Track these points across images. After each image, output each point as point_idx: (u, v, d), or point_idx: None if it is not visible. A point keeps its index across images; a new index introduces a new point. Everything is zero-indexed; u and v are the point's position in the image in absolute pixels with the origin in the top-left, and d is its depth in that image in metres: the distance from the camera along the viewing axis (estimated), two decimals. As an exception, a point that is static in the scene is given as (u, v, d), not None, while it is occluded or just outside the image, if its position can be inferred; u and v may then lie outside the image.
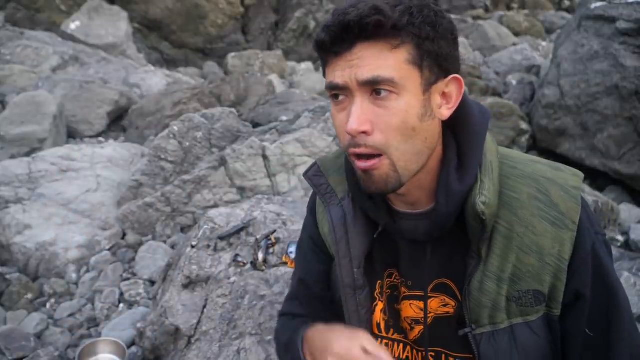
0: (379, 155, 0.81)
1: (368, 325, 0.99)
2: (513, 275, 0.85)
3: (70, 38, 6.94)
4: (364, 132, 0.80)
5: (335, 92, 0.83)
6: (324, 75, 0.86)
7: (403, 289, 0.96)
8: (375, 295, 0.99)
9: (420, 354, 0.96)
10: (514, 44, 7.77)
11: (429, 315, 0.93)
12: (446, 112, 0.84)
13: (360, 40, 0.78)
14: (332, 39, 0.79)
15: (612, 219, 3.39)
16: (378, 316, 1.00)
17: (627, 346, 0.87)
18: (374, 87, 0.79)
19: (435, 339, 0.94)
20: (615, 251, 2.89)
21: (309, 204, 1.12)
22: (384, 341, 1.00)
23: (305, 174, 1.05)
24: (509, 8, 11.46)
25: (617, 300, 0.87)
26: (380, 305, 0.99)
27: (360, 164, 0.83)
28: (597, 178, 4.18)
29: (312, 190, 1.08)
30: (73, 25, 7.35)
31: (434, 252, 0.91)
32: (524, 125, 4.78)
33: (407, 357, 0.98)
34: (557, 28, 9.15)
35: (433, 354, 0.94)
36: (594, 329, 0.87)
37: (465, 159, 0.86)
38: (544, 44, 8.15)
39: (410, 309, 0.96)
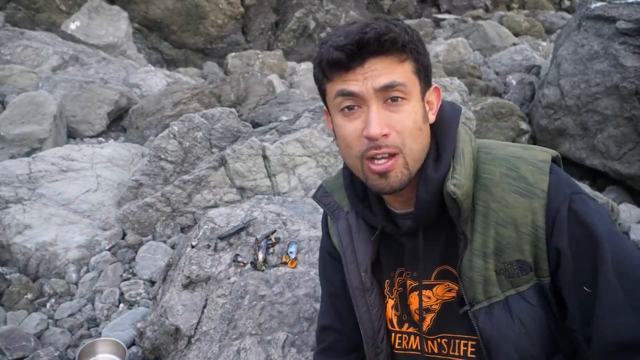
0: (394, 155, 0.93)
1: (380, 323, 1.09)
2: (496, 249, 0.93)
3: (70, 38, 6.94)
4: (385, 135, 0.91)
5: (348, 101, 0.93)
6: (324, 92, 0.97)
7: (409, 282, 1.04)
8: (385, 293, 1.09)
9: (435, 342, 1.02)
10: (514, 44, 7.77)
11: (437, 303, 1.01)
12: (432, 117, 0.99)
13: (371, 56, 0.90)
14: (348, 56, 0.90)
15: (612, 219, 3.39)
16: (390, 312, 1.09)
17: (613, 293, 0.85)
18: (388, 94, 0.91)
19: (444, 325, 1.01)
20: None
21: (322, 221, 1.26)
22: (398, 335, 1.08)
23: (314, 196, 1.20)
24: (509, 8, 11.46)
25: (600, 246, 0.87)
26: (390, 302, 1.09)
27: (377, 167, 0.93)
28: (597, 178, 4.18)
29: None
30: (73, 25, 7.35)
31: (427, 241, 1.00)
32: (524, 125, 4.78)
33: (423, 349, 1.04)
34: (557, 28, 9.15)
35: (446, 340, 1.01)
36: (587, 283, 0.88)
37: (441, 152, 0.97)
38: (544, 44, 8.15)
39: (416, 300, 1.03)
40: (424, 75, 0.95)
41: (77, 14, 7.56)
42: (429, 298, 1.01)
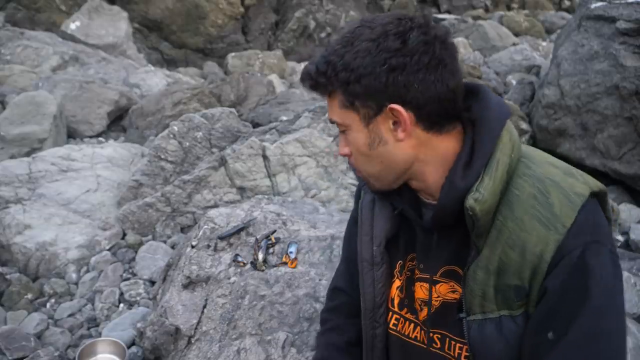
0: (359, 171, 1.01)
1: (383, 299, 1.10)
2: (499, 268, 0.89)
3: (70, 38, 6.94)
4: (346, 155, 1.00)
5: None
6: None
7: (417, 272, 1.04)
8: (395, 272, 1.09)
9: (429, 334, 1.02)
10: (514, 44, 7.77)
11: (437, 299, 1.00)
12: (401, 135, 0.92)
13: None
14: (310, 92, 0.99)
15: (612, 219, 3.39)
16: (393, 292, 1.09)
17: (574, 353, 0.83)
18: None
19: (440, 322, 1.00)
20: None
21: (356, 191, 1.26)
22: (395, 315, 1.09)
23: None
24: (509, 8, 11.47)
25: (589, 302, 0.83)
26: (397, 283, 1.09)
27: (356, 172, 1.05)
28: (597, 178, 4.17)
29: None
30: (73, 25, 7.35)
31: (440, 241, 0.98)
32: (524, 125, 4.78)
33: (415, 336, 1.05)
34: (557, 28, 9.16)
35: (439, 335, 1.01)
36: (554, 329, 0.85)
37: (473, 157, 0.91)
38: (544, 44, 8.16)
39: (421, 291, 1.03)
40: (365, 101, 0.90)
41: (77, 14, 7.56)
42: (428, 291, 1.02)
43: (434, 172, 0.95)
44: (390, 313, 1.10)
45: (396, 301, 1.09)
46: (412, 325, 1.06)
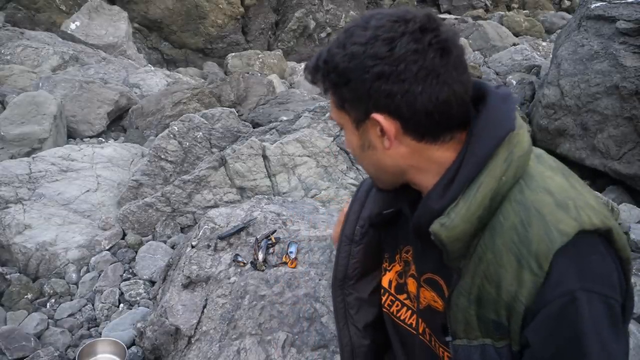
0: None
1: (355, 272, 1.13)
2: (477, 298, 0.84)
3: (70, 38, 6.95)
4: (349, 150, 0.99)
5: None
6: None
7: (412, 267, 1.04)
8: (396, 258, 1.09)
9: (424, 324, 1.02)
10: (514, 44, 7.78)
11: (424, 300, 1.00)
12: (387, 144, 0.87)
13: None
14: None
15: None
16: (392, 275, 1.09)
17: None
18: None
19: (427, 321, 1.01)
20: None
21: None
22: (391, 297, 1.09)
23: None
24: (509, 8, 11.47)
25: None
26: (397, 268, 1.08)
27: None
28: (597, 178, 4.18)
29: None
30: (73, 25, 7.35)
31: (426, 248, 0.93)
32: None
33: (411, 323, 1.05)
34: (557, 28, 9.16)
35: (429, 330, 1.01)
36: None
37: (456, 177, 0.84)
38: (544, 44, 8.16)
39: (413, 286, 1.03)
40: (353, 105, 0.87)
41: (77, 14, 7.57)
42: (419, 293, 1.03)
43: (430, 179, 0.89)
44: (387, 294, 1.10)
45: (393, 284, 1.09)
46: (410, 311, 1.06)
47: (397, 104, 0.82)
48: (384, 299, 1.11)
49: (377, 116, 0.84)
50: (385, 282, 1.11)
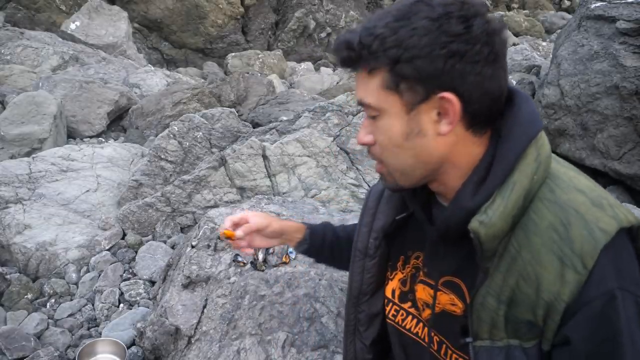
0: (380, 162, 0.91)
1: (369, 288, 1.09)
2: (510, 299, 0.82)
3: (70, 38, 6.95)
4: (368, 144, 0.90)
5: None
6: None
7: (421, 273, 1.00)
8: (397, 265, 1.06)
9: (430, 332, 0.99)
10: (514, 44, 7.78)
11: (438, 306, 0.95)
12: (445, 128, 0.83)
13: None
14: (341, 65, 0.89)
15: None
16: (395, 284, 1.06)
17: None
18: (364, 108, 0.88)
19: (439, 329, 0.96)
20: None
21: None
22: (395, 307, 1.06)
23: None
24: (509, 8, 11.47)
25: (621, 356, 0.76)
26: (399, 275, 1.05)
27: (376, 166, 0.95)
28: (597, 178, 4.18)
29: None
30: (73, 25, 7.36)
31: (447, 249, 0.92)
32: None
33: (417, 332, 1.02)
34: (557, 28, 9.16)
35: (438, 339, 0.96)
36: None
37: (489, 175, 0.83)
38: (544, 44, 8.17)
39: (423, 292, 0.99)
40: (412, 85, 0.81)
41: (77, 14, 7.57)
42: (430, 296, 0.97)
43: (457, 178, 0.87)
44: (391, 304, 1.06)
45: (397, 293, 1.05)
46: (415, 320, 1.02)
47: (467, 85, 0.80)
48: (387, 309, 1.07)
49: (448, 95, 0.80)
50: (388, 292, 1.07)
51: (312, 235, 1.31)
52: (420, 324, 1.01)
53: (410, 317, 1.03)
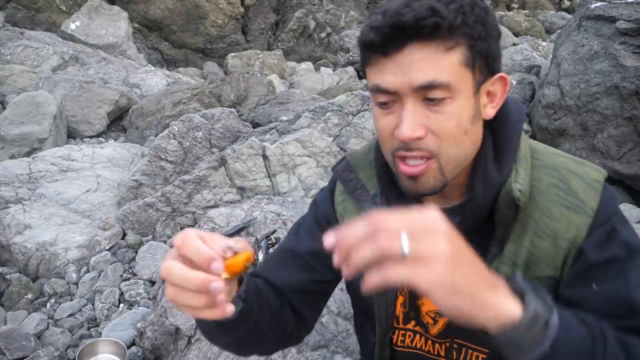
0: (428, 159, 0.81)
1: (392, 321, 1.01)
2: (527, 260, 0.86)
3: (70, 38, 6.95)
4: (418, 138, 0.79)
5: (383, 97, 0.81)
6: (364, 72, 0.85)
7: None
8: (398, 289, 1.00)
9: (443, 345, 0.96)
10: (514, 44, 7.78)
11: None
12: (491, 112, 0.85)
13: (411, 41, 0.75)
14: (382, 40, 0.76)
15: None
16: (398, 309, 1.01)
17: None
18: (428, 93, 0.77)
19: (457, 331, 0.94)
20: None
21: (327, 190, 1.08)
22: (401, 332, 1.01)
23: (334, 168, 1.03)
24: (509, 8, 11.47)
25: (635, 256, 0.83)
26: (400, 299, 1.01)
27: (407, 169, 0.82)
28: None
29: (317, 189, 1.09)
30: (73, 25, 7.36)
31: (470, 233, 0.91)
32: (524, 125, 4.78)
33: (428, 350, 0.99)
34: (557, 28, 9.16)
35: (456, 345, 0.95)
36: (600, 280, 0.82)
37: (504, 151, 0.87)
38: (544, 44, 8.17)
39: (431, 302, 0.95)
40: (483, 64, 0.80)
41: (77, 14, 7.57)
42: None
43: (466, 169, 0.88)
44: (396, 331, 1.02)
45: (401, 317, 1.01)
46: (423, 338, 0.99)
47: (500, 64, 0.85)
48: (394, 338, 1.02)
49: (505, 75, 0.85)
50: (394, 322, 1.02)
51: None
52: (430, 341, 0.98)
53: (417, 336, 1.00)
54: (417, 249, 0.58)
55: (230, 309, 0.71)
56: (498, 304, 0.65)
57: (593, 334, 0.72)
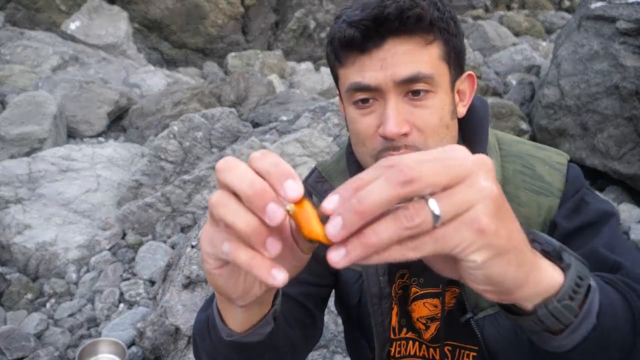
0: None
1: (389, 333, 0.97)
2: None
3: (70, 38, 6.95)
4: (404, 134, 0.78)
5: (363, 94, 0.79)
6: (335, 74, 0.82)
7: (414, 289, 0.94)
8: (393, 297, 0.98)
9: (437, 350, 0.94)
10: (514, 44, 7.78)
11: (445, 309, 0.92)
12: (462, 110, 0.86)
13: (392, 36, 0.75)
14: (363, 35, 0.75)
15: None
16: (394, 320, 0.97)
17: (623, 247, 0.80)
18: (411, 86, 0.77)
19: (450, 333, 0.92)
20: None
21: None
22: (397, 343, 0.99)
23: (305, 181, 0.98)
24: (509, 8, 11.46)
25: (606, 220, 0.83)
26: (395, 309, 0.98)
27: None
28: (597, 178, 4.18)
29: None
30: (73, 25, 7.35)
31: None
32: (523, 125, 4.78)
33: (423, 355, 0.96)
34: (557, 28, 9.16)
35: (450, 348, 0.93)
36: (577, 243, 0.80)
37: (474, 145, 0.86)
38: (544, 44, 8.16)
39: (425, 308, 0.94)
40: (455, 60, 0.81)
41: (77, 14, 7.56)
42: (435, 307, 0.92)
43: None
44: (393, 343, 0.99)
45: (397, 328, 0.98)
46: (417, 343, 0.96)
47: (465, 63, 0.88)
48: (392, 350, 0.99)
49: (471, 73, 0.87)
50: (391, 333, 0.99)
51: None
52: (424, 346, 0.96)
53: (411, 343, 0.98)
54: (452, 204, 0.43)
55: (283, 276, 0.48)
56: (542, 267, 0.52)
57: (618, 288, 0.64)
